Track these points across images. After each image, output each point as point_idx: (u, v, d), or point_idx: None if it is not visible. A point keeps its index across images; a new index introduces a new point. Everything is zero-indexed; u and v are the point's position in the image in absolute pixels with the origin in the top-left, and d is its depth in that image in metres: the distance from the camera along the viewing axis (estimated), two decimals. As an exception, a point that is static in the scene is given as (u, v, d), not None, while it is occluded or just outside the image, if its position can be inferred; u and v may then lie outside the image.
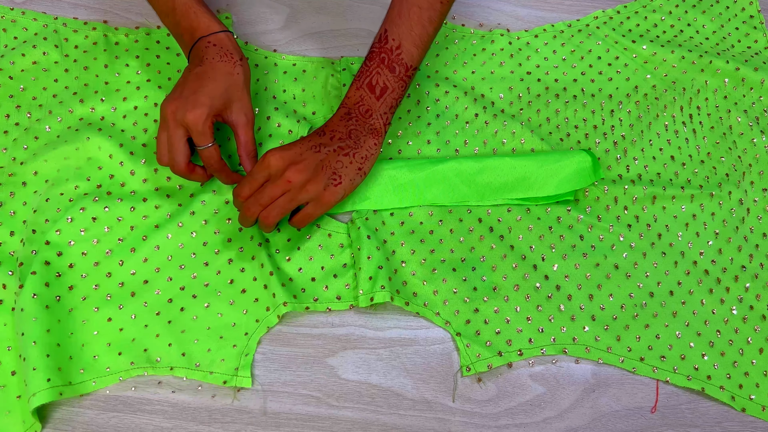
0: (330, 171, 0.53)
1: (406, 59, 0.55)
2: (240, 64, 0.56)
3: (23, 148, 0.60)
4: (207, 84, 0.53)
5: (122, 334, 0.53)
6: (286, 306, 0.54)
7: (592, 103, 0.68)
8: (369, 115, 0.56)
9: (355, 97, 0.56)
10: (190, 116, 0.52)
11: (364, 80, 0.56)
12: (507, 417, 0.52)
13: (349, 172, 0.54)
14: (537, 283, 0.57)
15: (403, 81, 0.56)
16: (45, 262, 0.54)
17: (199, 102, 0.52)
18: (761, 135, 0.66)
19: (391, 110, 0.56)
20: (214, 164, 0.54)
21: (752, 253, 0.60)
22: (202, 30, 0.56)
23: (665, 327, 0.55)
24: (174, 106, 0.52)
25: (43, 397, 0.47)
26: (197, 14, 0.56)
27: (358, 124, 0.55)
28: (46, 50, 0.65)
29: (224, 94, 0.54)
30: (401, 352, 0.54)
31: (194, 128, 0.52)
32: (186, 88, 0.53)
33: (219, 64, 0.55)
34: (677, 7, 0.75)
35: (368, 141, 0.55)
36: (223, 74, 0.54)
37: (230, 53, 0.56)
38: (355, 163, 0.54)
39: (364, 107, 0.56)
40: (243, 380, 0.52)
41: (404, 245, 0.58)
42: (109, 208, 0.57)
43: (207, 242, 0.57)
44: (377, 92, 0.55)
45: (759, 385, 0.54)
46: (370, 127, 0.55)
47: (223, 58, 0.55)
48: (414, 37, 0.55)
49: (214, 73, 0.54)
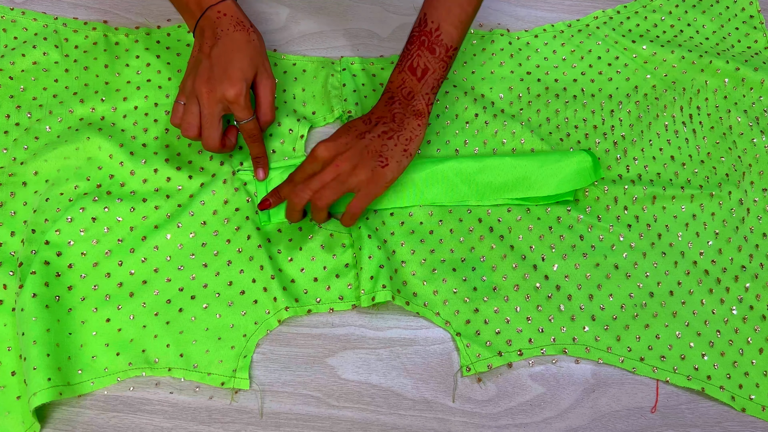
0: (376, 155, 0.54)
1: (446, 40, 0.56)
2: (253, 31, 0.58)
3: (23, 149, 0.60)
4: (234, 58, 0.55)
5: (121, 334, 0.53)
6: (288, 311, 0.54)
7: (592, 103, 0.68)
8: (411, 97, 0.56)
9: (397, 81, 0.57)
10: (231, 92, 0.54)
11: (405, 63, 0.57)
12: (507, 417, 0.52)
13: (395, 154, 0.54)
14: (537, 283, 0.57)
15: (444, 62, 0.56)
16: (45, 262, 0.54)
17: (236, 77, 0.54)
18: (761, 135, 0.66)
19: (433, 91, 0.57)
20: (256, 134, 0.57)
21: (752, 253, 0.59)
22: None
23: (665, 327, 0.55)
24: (209, 85, 0.54)
25: (44, 396, 0.47)
26: None
27: (401, 107, 0.56)
28: (47, 50, 0.65)
29: (251, 64, 0.56)
30: (401, 352, 0.54)
31: (237, 103, 0.54)
32: (215, 66, 0.54)
33: (236, 35, 0.56)
34: (677, 7, 0.75)
35: (412, 122, 0.56)
36: (244, 44, 0.56)
37: (242, 22, 0.57)
38: (400, 145, 0.55)
39: (407, 89, 0.56)
40: (241, 382, 0.52)
41: (404, 245, 0.58)
42: (109, 208, 0.57)
43: (206, 243, 0.57)
44: (418, 74, 0.56)
45: (759, 385, 0.54)
46: (413, 109, 0.56)
47: (238, 28, 0.56)
48: (453, 18, 0.56)
49: (236, 46, 0.55)
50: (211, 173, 0.60)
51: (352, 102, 0.65)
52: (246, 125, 0.56)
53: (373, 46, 0.71)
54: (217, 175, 0.60)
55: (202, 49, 0.56)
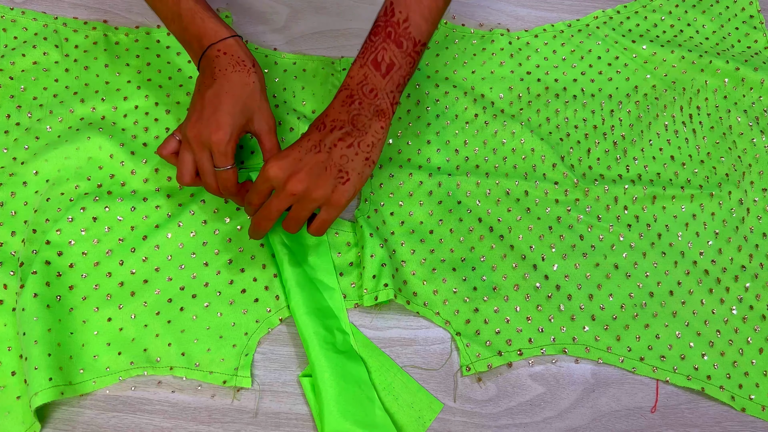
0: (335, 170, 0.49)
1: (415, 33, 0.50)
2: (254, 71, 0.54)
3: (24, 148, 0.60)
4: (225, 102, 0.51)
5: (122, 333, 0.53)
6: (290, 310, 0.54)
7: (592, 103, 0.68)
8: (374, 95, 0.51)
9: (358, 76, 0.51)
10: (214, 137, 0.50)
11: (368, 57, 0.51)
12: (507, 417, 0.52)
13: (356, 166, 0.50)
14: (537, 282, 0.57)
15: (411, 57, 0.51)
16: (45, 262, 0.54)
17: (222, 122, 0.51)
18: (761, 135, 0.66)
19: (398, 89, 0.52)
20: (230, 187, 0.53)
21: (752, 253, 0.60)
22: (210, 37, 0.54)
23: (665, 327, 0.55)
24: (196, 129, 0.51)
25: (45, 396, 0.47)
26: (203, 20, 0.54)
27: (362, 107, 0.50)
28: (47, 50, 0.65)
29: (244, 109, 0.52)
30: (401, 352, 0.54)
31: (217, 149, 0.51)
32: (205, 109, 0.52)
33: (233, 76, 0.53)
34: (677, 7, 0.75)
35: (374, 125, 0.51)
36: (239, 87, 0.52)
37: (242, 61, 0.54)
38: (362, 153, 0.50)
39: (369, 86, 0.51)
40: (243, 380, 0.52)
41: (404, 245, 0.58)
42: (110, 207, 0.57)
43: (207, 242, 0.57)
44: (383, 69, 0.50)
45: (759, 385, 0.54)
46: (375, 108, 0.51)
47: (236, 68, 0.53)
48: (423, 10, 0.51)
49: (230, 88, 0.52)
50: None
51: (352, 102, 0.65)
52: (221, 173, 0.52)
53: (373, 46, 0.71)
54: None
55: (200, 89, 0.53)
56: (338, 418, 0.49)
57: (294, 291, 0.53)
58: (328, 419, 0.48)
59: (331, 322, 0.53)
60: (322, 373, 0.50)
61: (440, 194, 0.61)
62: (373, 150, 0.51)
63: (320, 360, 0.50)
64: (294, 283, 0.54)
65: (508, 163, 0.63)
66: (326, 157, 0.49)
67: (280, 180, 0.48)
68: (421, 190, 0.61)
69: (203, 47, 0.54)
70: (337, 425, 0.48)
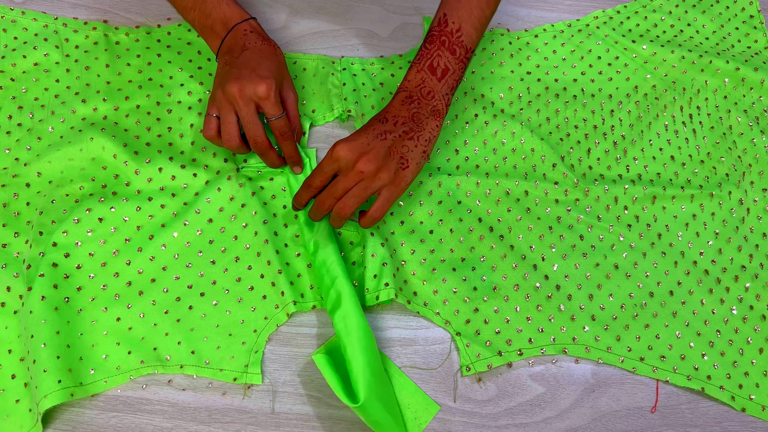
0: (398, 156, 0.53)
1: (466, 41, 0.57)
2: (277, 46, 0.59)
3: (26, 149, 0.60)
4: (263, 62, 0.56)
5: (131, 333, 0.53)
6: (296, 305, 0.54)
7: (592, 103, 0.68)
8: (431, 96, 0.56)
9: (416, 80, 0.56)
10: (261, 88, 0.54)
11: (424, 63, 0.56)
12: (507, 417, 0.52)
13: (415, 156, 0.54)
14: (537, 282, 0.57)
15: (462, 63, 0.57)
16: (52, 264, 0.54)
17: (264, 76, 0.54)
18: (761, 135, 0.66)
19: (452, 91, 0.57)
20: (287, 132, 0.57)
21: (752, 253, 0.60)
22: (236, 18, 0.59)
23: (665, 327, 0.55)
24: (239, 85, 0.54)
25: (55, 398, 0.47)
26: (229, 4, 0.59)
27: (420, 107, 0.56)
28: (47, 51, 0.65)
29: (277, 71, 0.57)
30: (401, 352, 0.54)
31: (268, 99, 0.54)
32: (243, 69, 0.55)
33: (263, 46, 0.58)
34: (677, 7, 0.75)
35: (430, 123, 0.55)
36: (271, 54, 0.57)
37: (267, 38, 0.59)
38: (420, 146, 0.54)
39: (426, 89, 0.56)
40: (253, 377, 0.52)
41: (404, 245, 0.58)
42: (115, 208, 0.57)
43: (213, 240, 0.57)
44: (438, 74, 0.56)
45: (759, 385, 0.54)
46: (432, 108, 0.56)
47: (265, 42, 0.58)
48: (473, 20, 0.57)
49: (263, 54, 0.57)
50: (215, 170, 0.60)
51: (352, 101, 0.65)
52: (277, 122, 0.56)
53: (373, 46, 0.71)
54: (222, 172, 0.60)
55: (228, 61, 0.57)
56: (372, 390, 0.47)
57: (334, 257, 0.54)
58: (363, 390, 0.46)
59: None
60: (360, 343, 0.49)
61: (440, 194, 0.61)
62: (429, 145, 0.55)
63: (360, 333, 0.49)
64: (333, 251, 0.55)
65: (508, 163, 0.63)
66: (391, 144, 0.53)
67: (349, 160, 0.51)
68: (421, 190, 0.61)
69: (228, 28, 0.59)
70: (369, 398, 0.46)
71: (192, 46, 0.68)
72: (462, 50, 0.57)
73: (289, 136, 0.57)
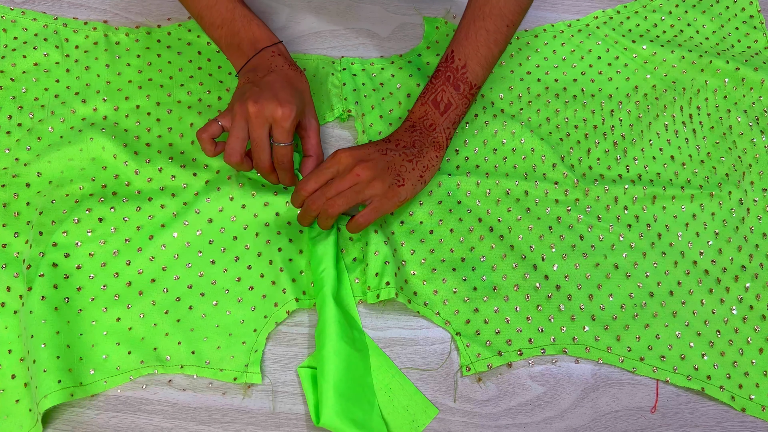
0: (395, 172, 0.54)
1: (471, 78, 0.58)
2: (303, 74, 0.58)
3: (26, 149, 0.60)
4: (287, 87, 0.54)
5: (131, 333, 0.53)
6: (298, 302, 0.54)
7: (592, 103, 0.68)
8: (433, 129, 0.58)
9: (419, 112, 0.59)
10: (279, 112, 0.52)
11: (429, 97, 0.59)
12: (507, 417, 0.52)
13: (411, 177, 0.55)
14: (537, 282, 0.57)
15: (466, 98, 0.59)
16: (52, 264, 0.54)
17: (285, 101, 0.53)
18: (761, 135, 0.66)
19: (453, 125, 0.59)
20: (287, 162, 0.55)
21: (752, 253, 0.60)
22: (265, 41, 0.58)
23: (665, 327, 0.55)
24: (259, 105, 0.52)
25: (55, 398, 0.47)
26: (259, 26, 0.59)
27: (421, 136, 0.58)
28: (47, 51, 0.65)
29: (300, 99, 0.55)
30: (401, 352, 0.54)
31: (283, 124, 0.52)
32: (265, 90, 0.53)
33: (290, 72, 0.57)
34: (677, 7, 0.75)
35: (430, 152, 0.57)
36: (296, 80, 0.57)
37: (294, 64, 0.58)
38: (417, 169, 0.56)
39: (428, 121, 0.58)
40: (253, 376, 0.52)
41: (404, 245, 0.58)
42: (115, 208, 0.57)
43: (213, 240, 0.57)
44: (441, 108, 0.58)
45: (759, 385, 0.54)
46: (432, 140, 0.58)
47: (291, 68, 0.58)
48: (480, 58, 0.58)
49: (288, 79, 0.56)
50: (215, 170, 0.60)
51: (352, 101, 0.65)
52: (280, 149, 0.53)
53: (373, 46, 0.71)
54: (222, 171, 0.60)
55: (251, 79, 0.55)
56: (335, 412, 0.48)
57: (329, 273, 0.54)
58: (325, 412, 0.48)
59: (351, 318, 0.54)
60: (329, 364, 0.49)
61: (440, 194, 0.61)
62: (426, 171, 0.57)
63: (331, 352, 0.50)
64: (331, 265, 0.54)
65: (508, 163, 0.63)
66: (390, 159, 0.55)
67: (347, 164, 0.53)
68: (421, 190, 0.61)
69: (257, 49, 0.58)
70: (332, 421, 0.48)
71: (192, 47, 0.68)
72: (466, 86, 0.58)
73: (288, 166, 0.55)
